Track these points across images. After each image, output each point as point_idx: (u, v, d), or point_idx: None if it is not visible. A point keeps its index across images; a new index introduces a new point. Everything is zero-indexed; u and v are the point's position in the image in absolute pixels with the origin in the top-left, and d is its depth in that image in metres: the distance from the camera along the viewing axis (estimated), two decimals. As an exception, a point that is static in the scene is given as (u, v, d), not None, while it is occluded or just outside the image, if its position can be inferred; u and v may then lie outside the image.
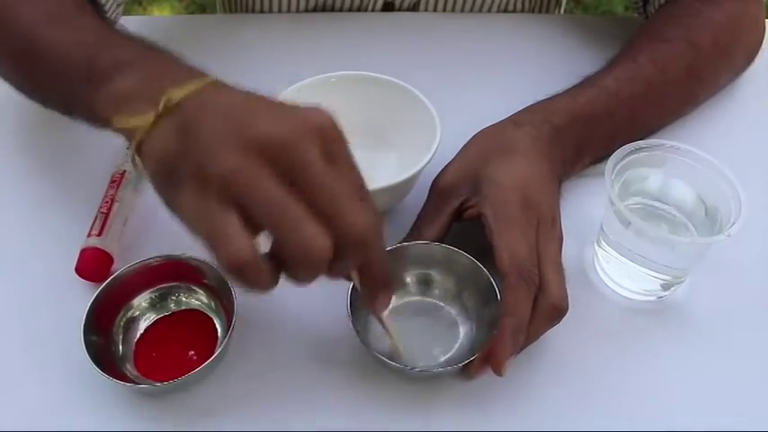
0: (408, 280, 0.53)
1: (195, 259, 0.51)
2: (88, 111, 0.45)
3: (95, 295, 0.49)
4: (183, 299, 0.53)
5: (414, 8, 0.83)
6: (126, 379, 0.47)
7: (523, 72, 0.74)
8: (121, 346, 0.50)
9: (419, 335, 0.51)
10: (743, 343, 0.53)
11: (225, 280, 0.50)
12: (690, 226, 0.53)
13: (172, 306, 0.52)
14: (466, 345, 0.50)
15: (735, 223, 0.48)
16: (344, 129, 0.39)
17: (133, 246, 0.56)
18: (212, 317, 0.52)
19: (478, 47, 0.78)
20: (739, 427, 0.48)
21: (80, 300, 0.49)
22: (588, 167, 0.61)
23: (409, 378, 0.50)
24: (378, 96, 0.61)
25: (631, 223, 0.50)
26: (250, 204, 0.35)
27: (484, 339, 0.48)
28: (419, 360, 0.49)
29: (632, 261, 0.53)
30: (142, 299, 0.52)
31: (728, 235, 0.48)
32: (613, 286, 0.55)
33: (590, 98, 0.60)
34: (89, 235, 0.54)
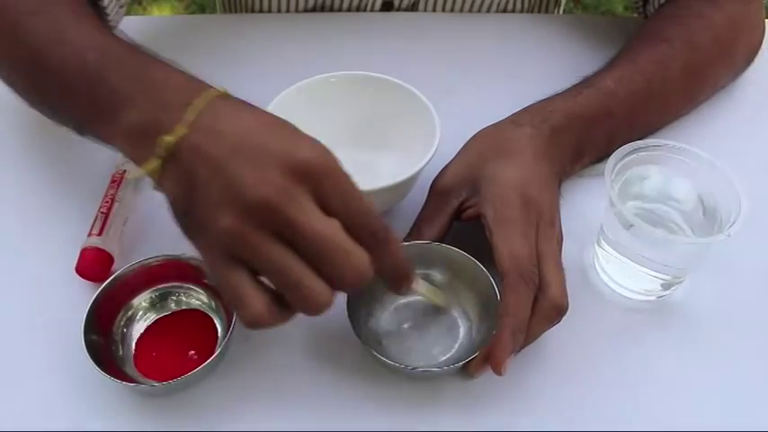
0: (408, 280, 0.53)
1: (195, 259, 0.51)
2: (98, 140, 0.46)
3: (95, 295, 0.49)
4: (183, 299, 0.53)
5: (413, 8, 0.83)
6: (126, 379, 0.47)
7: (523, 72, 0.74)
8: (122, 346, 0.50)
9: (419, 335, 0.51)
10: (743, 343, 0.53)
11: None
12: (689, 226, 0.53)
13: (172, 306, 0.52)
14: (466, 345, 0.50)
15: (735, 223, 0.48)
16: (339, 162, 0.40)
17: (133, 246, 0.56)
18: (212, 317, 0.52)
19: (478, 47, 0.78)
20: (740, 427, 0.48)
21: (80, 300, 0.49)
22: (588, 167, 0.61)
23: (409, 378, 0.50)
24: (378, 96, 0.61)
25: (631, 223, 0.50)
26: (252, 264, 0.38)
27: (484, 339, 0.48)
28: (419, 360, 0.50)
29: (632, 261, 0.53)
30: (142, 299, 0.52)
31: (728, 235, 0.48)
32: (613, 286, 0.55)
33: (589, 98, 0.60)
34: (89, 235, 0.54)
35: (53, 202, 0.60)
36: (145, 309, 0.52)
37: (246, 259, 0.38)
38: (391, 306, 0.53)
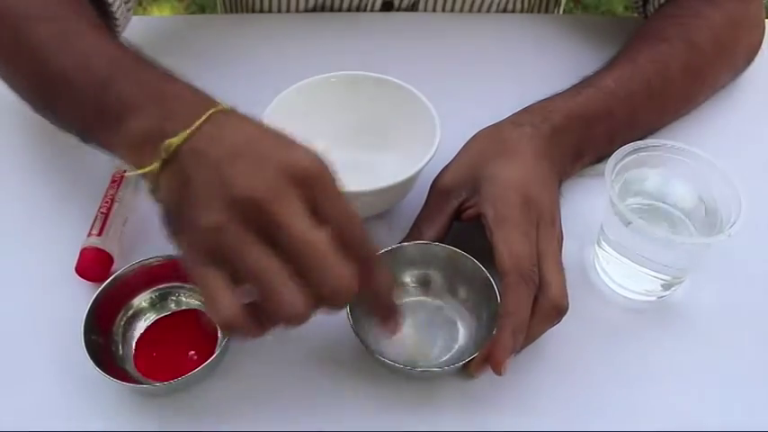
0: (408, 280, 0.53)
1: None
2: (100, 147, 0.47)
3: (95, 295, 0.49)
4: (183, 299, 0.53)
5: (413, 8, 0.83)
6: (126, 379, 0.47)
7: (523, 72, 0.74)
8: (122, 346, 0.50)
9: (419, 335, 0.51)
10: (743, 342, 0.53)
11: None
12: (690, 226, 0.53)
13: (172, 306, 0.52)
14: (465, 345, 0.50)
15: (735, 223, 0.48)
16: (332, 165, 0.39)
17: (133, 246, 0.56)
18: (212, 317, 0.52)
19: (478, 47, 0.78)
20: (740, 427, 0.48)
21: (80, 300, 0.49)
22: (588, 167, 0.61)
23: (409, 378, 0.50)
24: (378, 96, 0.61)
25: (632, 223, 0.50)
26: (233, 264, 0.38)
27: (484, 339, 0.48)
28: (419, 360, 0.50)
29: (632, 261, 0.53)
30: (142, 299, 0.52)
31: (729, 235, 0.48)
32: (614, 286, 0.55)
33: (589, 98, 0.60)
34: (89, 235, 0.54)
35: (53, 203, 0.60)
36: (145, 309, 0.52)
37: (226, 259, 0.38)
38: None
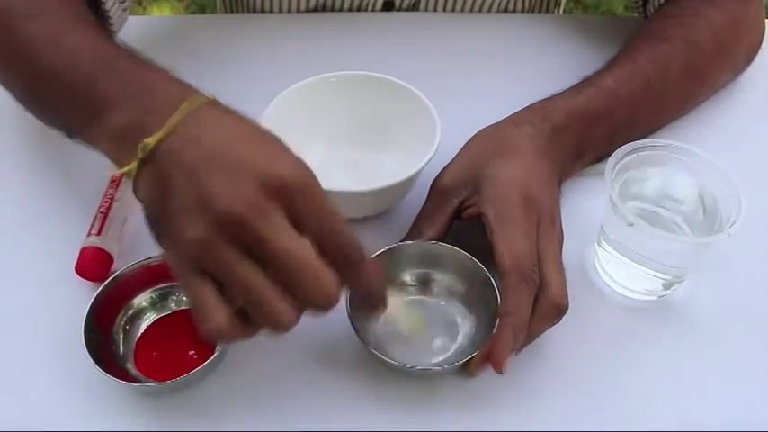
0: (408, 279, 0.53)
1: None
2: (86, 143, 0.46)
3: (95, 295, 0.49)
4: (184, 298, 0.53)
5: (414, 8, 0.83)
6: (127, 378, 0.47)
7: (523, 72, 0.74)
8: (122, 346, 0.50)
9: (419, 334, 0.51)
10: (743, 342, 0.53)
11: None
12: (690, 225, 0.53)
13: (172, 305, 0.52)
14: (465, 344, 0.50)
15: (735, 223, 0.48)
16: (315, 177, 0.39)
17: (133, 246, 0.56)
18: (212, 316, 0.52)
19: (478, 47, 0.78)
20: (740, 427, 0.48)
21: (80, 299, 0.49)
22: (588, 167, 0.61)
23: (409, 377, 0.50)
24: (378, 96, 0.61)
25: (632, 223, 0.50)
26: (218, 277, 0.38)
27: (484, 338, 0.48)
28: (419, 359, 0.50)
29: (633, 260, 0.53)
30: (142, 298, 0.52)
31: (729, 234, 0.48)
32: (614, 286, 0.55)
33: (589, 97, 0.60)
34: (88, 234, 0.54)
35: (53, 202, 0.60)
36: (145, 308, 0.52)
37: (212, 271, 0.38)
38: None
